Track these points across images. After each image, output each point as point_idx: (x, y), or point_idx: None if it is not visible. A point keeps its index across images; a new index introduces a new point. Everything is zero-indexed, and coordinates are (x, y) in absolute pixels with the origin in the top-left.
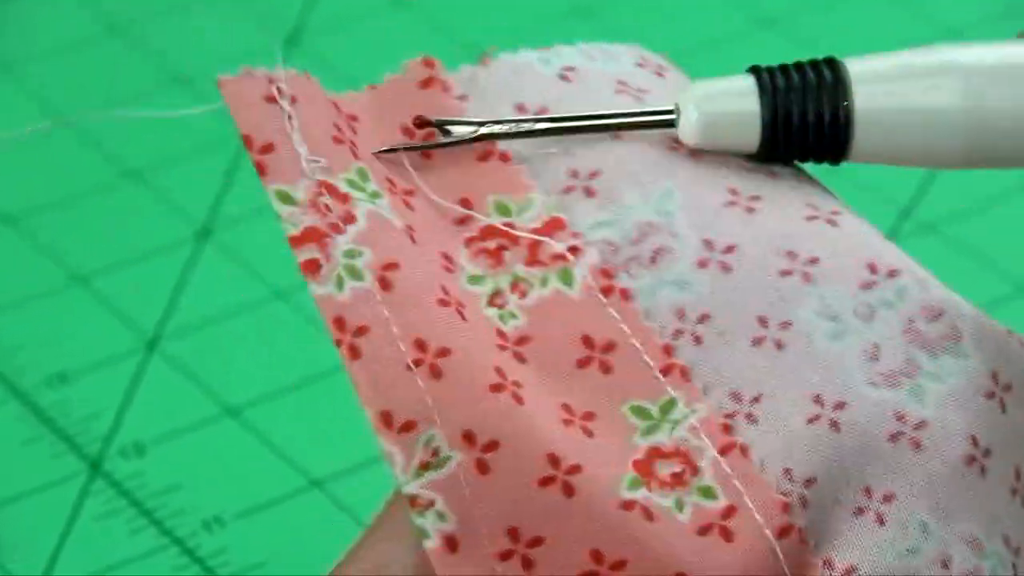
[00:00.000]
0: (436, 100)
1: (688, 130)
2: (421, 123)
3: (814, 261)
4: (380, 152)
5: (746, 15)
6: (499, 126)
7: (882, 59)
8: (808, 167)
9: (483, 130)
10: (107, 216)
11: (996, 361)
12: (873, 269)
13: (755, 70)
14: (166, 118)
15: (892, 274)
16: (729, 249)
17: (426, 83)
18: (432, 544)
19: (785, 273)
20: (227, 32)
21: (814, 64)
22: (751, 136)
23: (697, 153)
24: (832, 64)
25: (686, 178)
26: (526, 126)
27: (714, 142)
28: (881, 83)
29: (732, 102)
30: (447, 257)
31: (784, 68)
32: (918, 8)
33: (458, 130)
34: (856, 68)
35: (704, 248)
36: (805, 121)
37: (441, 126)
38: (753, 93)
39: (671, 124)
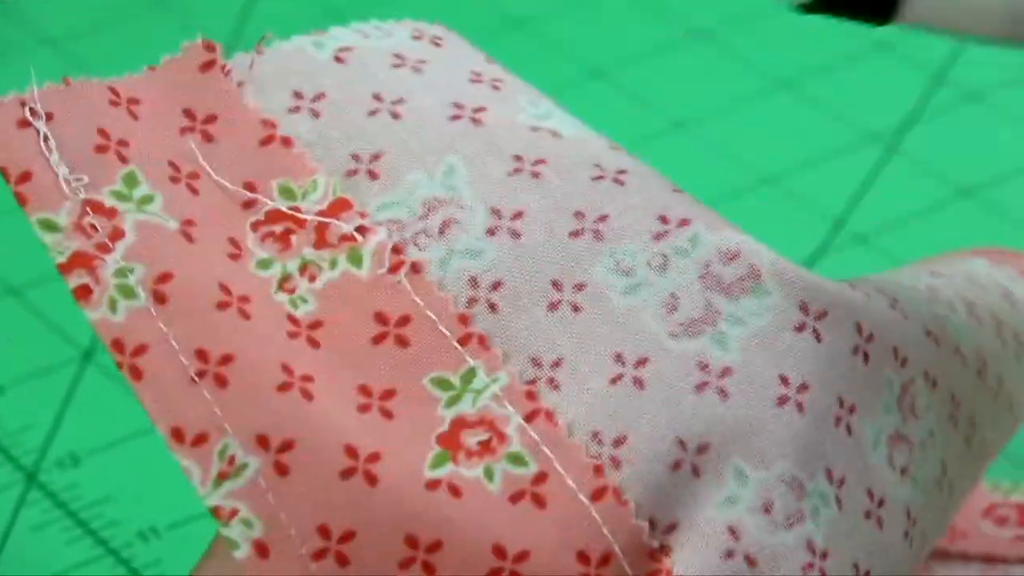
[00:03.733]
0: (216, 84)
1: None
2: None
3: (603, 219)
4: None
5: (675, 27)
6: None
7: None
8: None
9: None
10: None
11: (804, 292)
12: (664, 220)
13: None
14: None
15: (683, 223)
16: (517, 215)
17: (206, 66)
18: (243, 553)
19: (575, 234)
20: (158, 47)
21: None
22: None
23: (478, 122)
24: None
25: (469, 151)
26: None
27: None
28: None
29: None
30: (235, 243)
31: None
32: None
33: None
34: None
35: (492, 216)
36: None
37: None
38: None
39: None
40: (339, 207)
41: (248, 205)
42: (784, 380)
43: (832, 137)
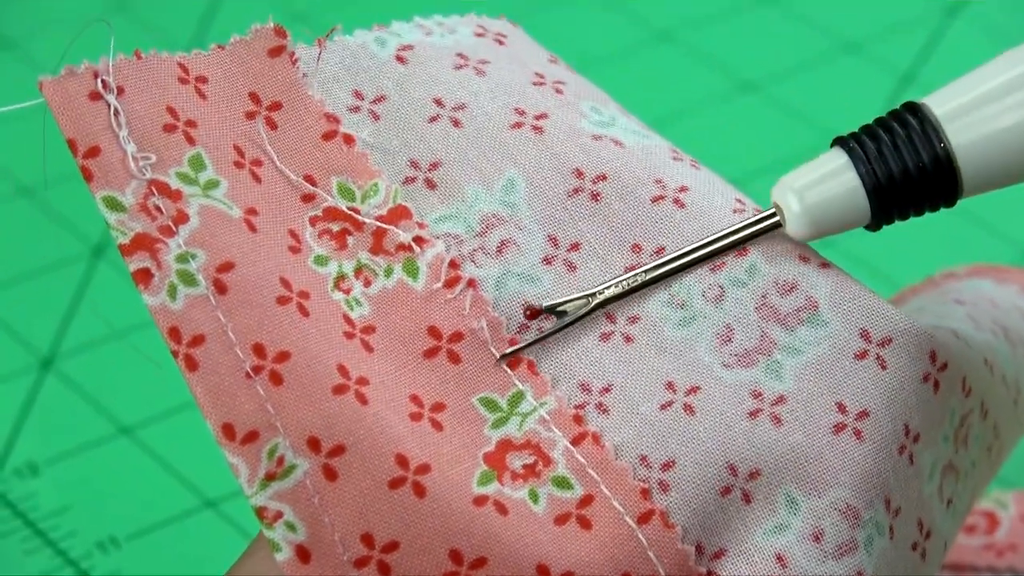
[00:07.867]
0: (283, 72)
1: (795, 225)
2: (533, 313)
3: (659, 251)
4: (506, 355)
5: (642, 28)
6: (610, 290)
7: (958, 88)
8: None
9: (596, 301)
10: (0, 233)
11: (865, 320)
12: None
13: (841, 141)
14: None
15: (741, 253)
16: (574, 246)
17: (275, 51)
18: (284, 556)
19: (631, 268)
20: (118, 49)
21: (895, 115)
22: (861, 211)
23: (539, 130)
24: (914, 109)
25: (529, 164)
26: (636, 280)
27: (826, 228)
28: (968, 114)
29: (831, 184)
30: (294, 235)
31: (869, 129)
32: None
33: (570, 306)
34: (939, 106)
35: (550, 244)
36: (908, 176)
37: (552, 310)
38: (848, 168)
39: (777, 225)
40: (397, 215)
41: (307, 199)
42: (841, 408)
43: (799, 139)
